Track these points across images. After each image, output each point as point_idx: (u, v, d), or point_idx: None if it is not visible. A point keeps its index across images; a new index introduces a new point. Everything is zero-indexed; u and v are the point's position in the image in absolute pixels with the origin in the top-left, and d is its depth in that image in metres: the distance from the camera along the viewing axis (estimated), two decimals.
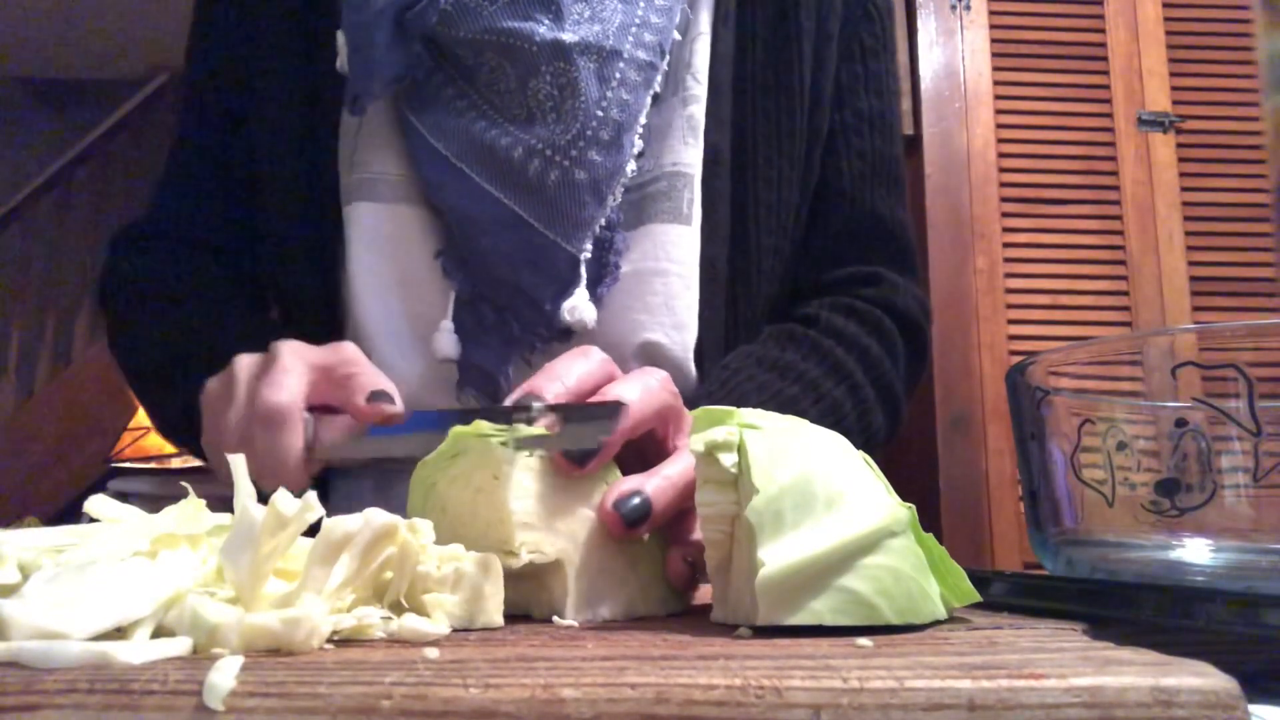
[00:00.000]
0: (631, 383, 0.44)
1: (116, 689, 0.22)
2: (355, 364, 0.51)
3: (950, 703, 0.22)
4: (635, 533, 0.40)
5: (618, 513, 0.39)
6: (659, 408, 0.44)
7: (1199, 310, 2.13)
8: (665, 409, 0.45)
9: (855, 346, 0.70)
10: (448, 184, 0.65)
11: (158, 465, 3.24)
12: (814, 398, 0.66)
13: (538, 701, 0.22)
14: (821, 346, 0.69)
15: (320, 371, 0.51)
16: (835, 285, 0.74)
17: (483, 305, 0.66)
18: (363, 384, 0.49)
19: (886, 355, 0.72)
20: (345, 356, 0.52)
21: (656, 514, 0.40)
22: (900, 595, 0.33)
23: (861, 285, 0.74)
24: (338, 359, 0.51)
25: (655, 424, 0.45)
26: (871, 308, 0.72)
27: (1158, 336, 0.42)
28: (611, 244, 0.66)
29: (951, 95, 2.22)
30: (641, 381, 0.44)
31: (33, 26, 4.45)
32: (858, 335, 0.70)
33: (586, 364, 0.45)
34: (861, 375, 0.69)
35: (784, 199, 0.71)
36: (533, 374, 0.66)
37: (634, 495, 0.39)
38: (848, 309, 0.72)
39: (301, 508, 0.29)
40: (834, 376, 0.68)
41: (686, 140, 0.68)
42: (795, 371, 0.67)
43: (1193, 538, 0.38)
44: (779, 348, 0.68)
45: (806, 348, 0.69)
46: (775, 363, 0.67)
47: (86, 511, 0.34)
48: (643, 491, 0.39)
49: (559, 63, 0.64)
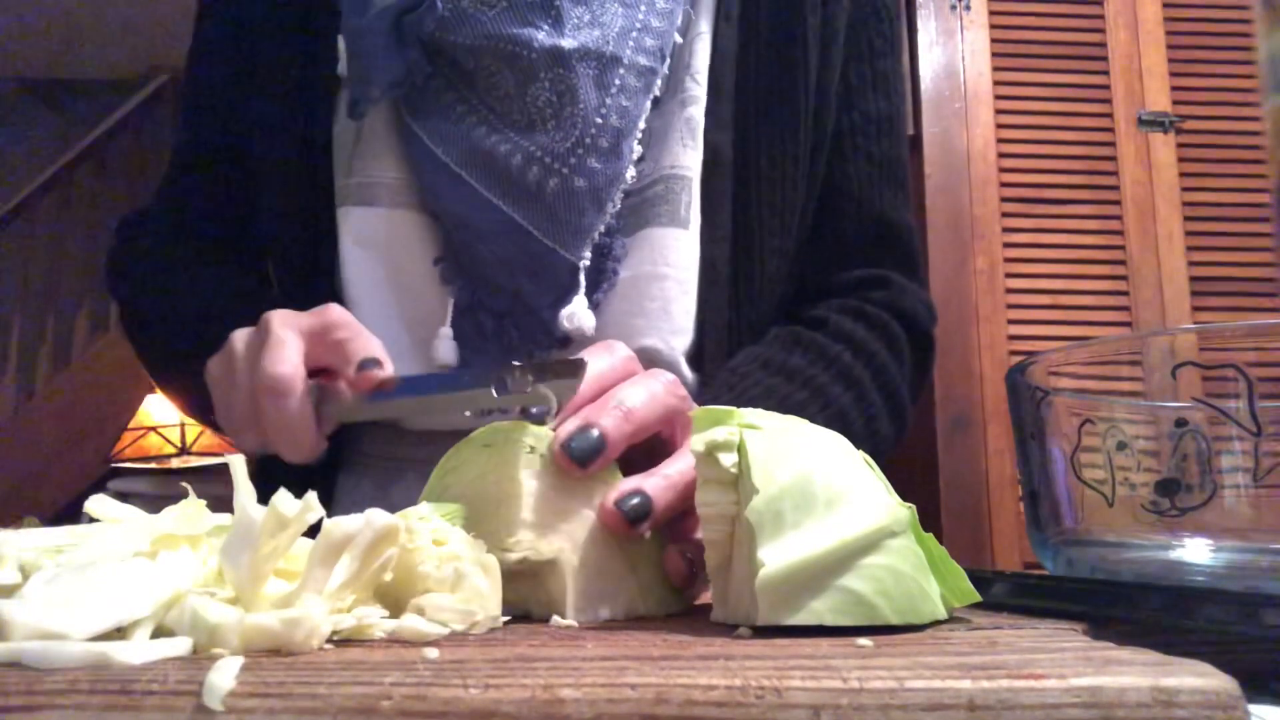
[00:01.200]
0: (638, 386, 0.44)
1: (117, 689, 0.22)
2: (344, 327, 0.51)
3: (950, 703, 0.22)
4: (636, 531, 0.40)
5: (619, 511, 0.39)
6: (664, 411, 0.44)
7: (1199, 310, 2.13)
8: (671, 412, 0.45)
9: (863, 352, 0.69)
10: (446, 190, 0.65)
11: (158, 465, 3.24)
12: (821, 403, 0.66)
13: (538, 702, 0.22)
14: (829, 352, 0.68)
15: (312, 337, 0.51)
16: (843, 288, 0.73)
17: (481, 312, 0.66)
18: (353, 351, 0.50)
19: (894, 361, 0.71)
20: (333, 319, 0.52)
21: (657, 512, 0.40)
22: (900, 595, 0.33)
23: (870, 288, 0.73)
24: (327, 322, 0.52)
25: (661, 427, 0.44)
26: (880, 312, 0.72)
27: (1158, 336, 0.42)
28: (610, 250, 0.66)
29: (951, 95, 2.22)
30: (647, 385, 0.44)
31: (33, 26, 4.45)
32: (866, 340, 0.70)
33: (609, 360, 0.45)
34: (869, 382, 0.69)
35: (788, 200, 0.70)
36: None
37: (635, 494, 0.39)
38: (856, 312, 0.71)
39: (302, 508, 0.29)
40: (842, 382, 0.67)
41: (685, 143, 0.68)
42: (803, 377, 0.66)
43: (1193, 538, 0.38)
44: (786, 351, 0.68)
45: (814, 352, 0.68)
46: (782, 367, 0.66)
47: (87, 511, 0.34)
48: (643, 490, 0.40)
49: (558, 69, 0.64)
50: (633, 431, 0.42)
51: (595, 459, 0.40)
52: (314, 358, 0.51)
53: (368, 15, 0.65)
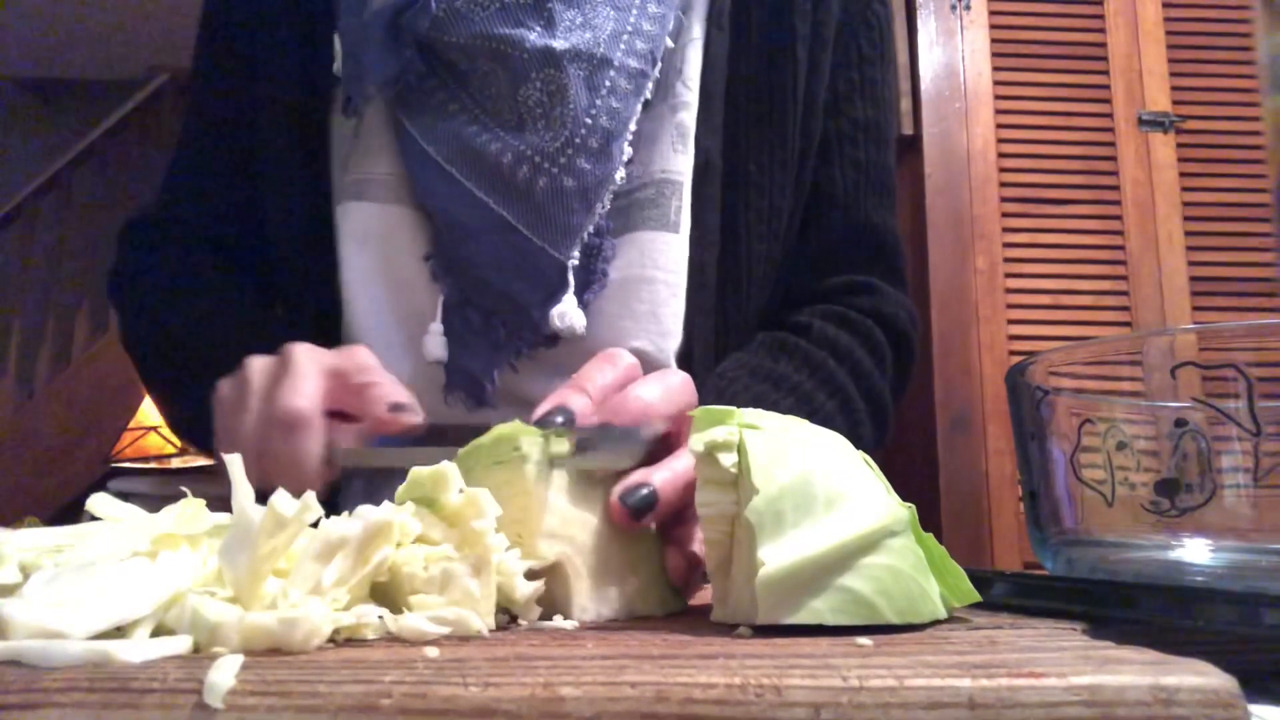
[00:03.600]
0: (653, 384, 0.45)
1: (116, 688, 0.22)
2: (371, 372, 0.51)
3: (950, 701, 0.22)
4: (640, 524, 0.40)
5: (624, 504, 0.39)
6: (680, 409, 0.45)
7: (1199, 310, 2.13)
8: (686, 409, 0.45)
9: (848, 358, 0.70)
10: (437, 188, 0.65)
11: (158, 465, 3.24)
12: (807, 410, 0.66)
13: (537, 700, 0.22)
14: (813, 358, 0.69)
15: (335, 377, 0.51)
16: (828, 293, 0.74)
17: (469, 310, 0.66)
18: (382, 394, 0.50)
19: (877, 367, 0.72)
20: (360, 363, 0.51)
21: (663, 505, 0.40)
22: (900, 595, 0.33)
23: (854, 294, 0.74)
24: (353, 365, 0.51)
25: (675, 425, 0.45)
26: (863, 318, 0.72)
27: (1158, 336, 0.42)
28: (600, 251, 0.66)
29: (951, 95, 2.22)
30: (663, 382, 0.45)
31: (33, 26, 4.45)
32: (850, 347, 0.70)
33: (613, 371, 0.46)
34: (853, 388, 0.70)
35: (775, 205, 0.71)
36: (519, 380, 0.66)
37: (641, 486, 0.40)
38: (840, 319, 0.72)
39: (300, 508, 0.29)
40: (826, 389, 0.68)
41: (676, 148, 0.68)
42: (789, 383, 0.67)
43: (1193, 538, 0.38)
44: (772, 358, 0.68)
45: (799, 359, 0.68)
46: (769, 374, 0.67)
47: (88, 510, 0.34)
48: (650, 483, 0.40)
49: (549, 69, 0.64)
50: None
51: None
52: (333, 399, 0.50)
53: (364, 14, 0.66)
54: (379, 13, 0.65)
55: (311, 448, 0.49)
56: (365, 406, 0.50)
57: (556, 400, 0.43)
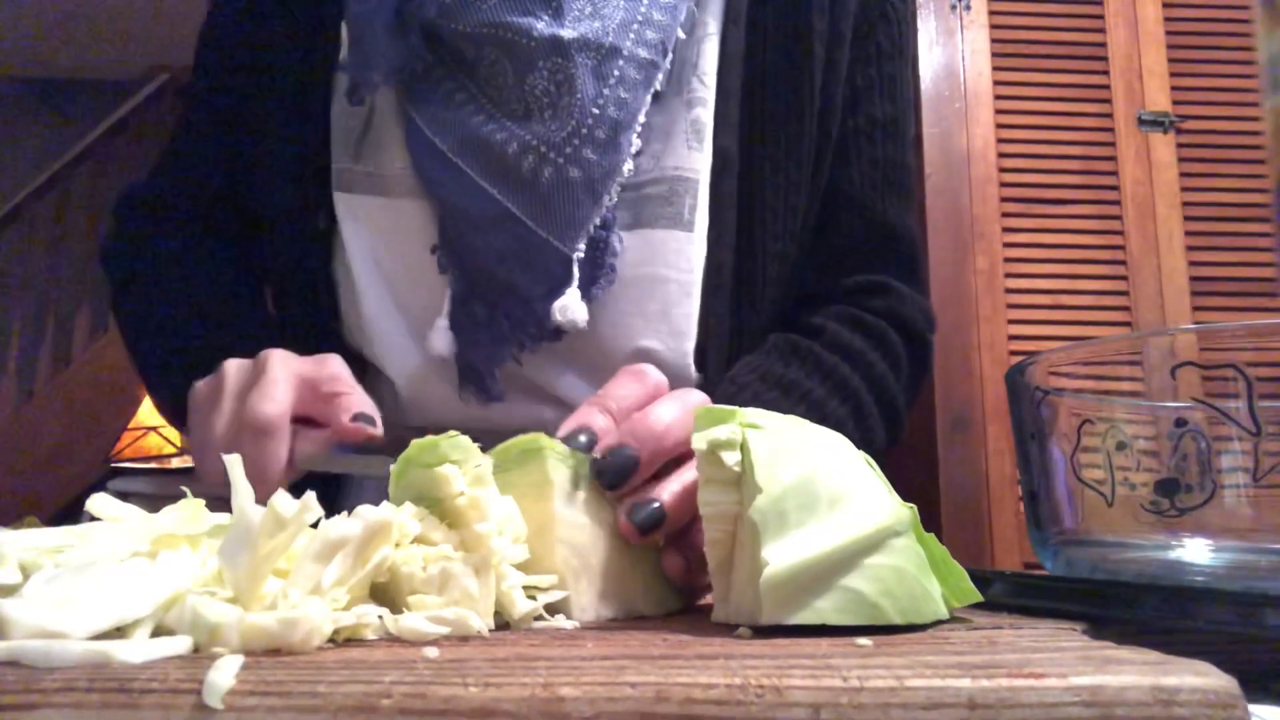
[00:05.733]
0: (671, 403, 0.44)
1: (116, 688, 0.22)
2: (341, 382, 0.53)
3: (950, 702, 0.22)
4: (650, 539, 0.40)
5: (633, 521, 0.39)
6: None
7: (1199, 310, 2.13)
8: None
9: (860, 363, 0.69)
10: (443, 178, 0.65)
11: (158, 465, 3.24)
12: (819, 417, 0.65)
13: (537, 700, 0.22)
14: (825, 363, 0.68)
15: (307, 384, 0.52)
16: (844, 294, 0.73)
17: (475, 302, 0.66)
18: (349, 404, 0.51)
19: (890, 371, 0.71)
20: (331, 371, 0.53)
21: (670, 520, 0.40)
22: (903, 595, 0.33)
23: (870, 295, 0.73)
24: (325, 374, 0.53)
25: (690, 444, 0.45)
26: (878, 320, 0.71)
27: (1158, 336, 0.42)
28: (607, 244, 0.66)
29: (951, 95, 2.22)
30: (681, 401, 0.44)
31: (33, 26, 4.45)
32: (864, 350, 0.69)
33: (639, 388, 0.46)
34: (865, 393, 0.69)
35: (791, 204, 0.70)
36: (522, 373, 0.66)
37: (650, 502, 0.40)
38: (854, 321, 0.71)
39: (300, 508, 0.29)
40: (838, 395, 0.67)
41: (690, 145, 0.67)
42: (800, 390, 0.66)
43: (1193, 538, 0.38)
44: (783, 363, 0.67)
45: (811, 364, 0.68)
46: (780, 380, 0.66)
47: (88, 510, 0.34)
48: (658, 498, 0.40)
49: (556, 58, 0.63)
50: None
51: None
52: (302, 404, 0.52)
53: (371, 2, 0.65)
54: (387, 0, 0.65)
55: (278, 453, 0.50)
56: (331, 414, 0.51)
57: (580, 421, 0.43)
